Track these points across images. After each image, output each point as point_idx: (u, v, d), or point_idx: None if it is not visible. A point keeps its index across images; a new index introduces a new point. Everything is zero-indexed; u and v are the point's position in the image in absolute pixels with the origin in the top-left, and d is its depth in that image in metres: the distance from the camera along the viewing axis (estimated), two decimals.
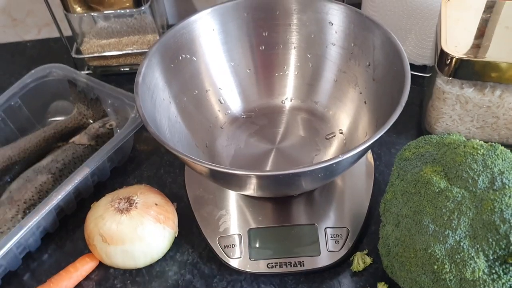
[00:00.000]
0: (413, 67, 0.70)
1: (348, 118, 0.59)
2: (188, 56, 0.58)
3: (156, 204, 0.53)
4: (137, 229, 0.51)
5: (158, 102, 0.53)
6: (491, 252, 0.38)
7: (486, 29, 0.55)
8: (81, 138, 0.63)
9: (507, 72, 0.52)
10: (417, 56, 0.69)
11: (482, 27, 0.56)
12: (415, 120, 0.66)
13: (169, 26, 0.81)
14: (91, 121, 0.66)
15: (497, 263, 0.38)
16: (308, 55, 0.60)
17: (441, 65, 0.54)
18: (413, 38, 0.67)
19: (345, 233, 0.53)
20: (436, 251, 0.40)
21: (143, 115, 0.47)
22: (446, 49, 0.53)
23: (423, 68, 0.69)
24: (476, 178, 0.40)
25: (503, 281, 0.38)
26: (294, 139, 0.60)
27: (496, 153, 0.41)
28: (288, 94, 0.63)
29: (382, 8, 0.67)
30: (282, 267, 0.51)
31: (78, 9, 0.68)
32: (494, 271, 0.38)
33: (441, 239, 0.40)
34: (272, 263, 0.52)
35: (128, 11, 0.68)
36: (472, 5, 0.58)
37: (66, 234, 0.58)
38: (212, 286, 0.52)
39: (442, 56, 0.54)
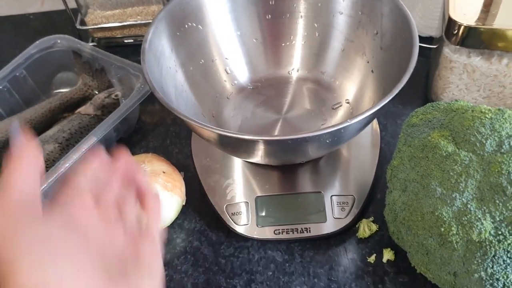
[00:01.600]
0: (419, 38, 0.69)
1: (355, 88, 0.59)
2: (195, 25, 0.57)
3: (164, 172, 0.53)
4: None
5: (164, 70, 0.53)
6: (498, 214, 0.39)
7: None
8: (87, 108, 0.63)
9: None
10: (424, 27, 0.69)
11: None
12: (421, 92, 0.66)
13: None
14: (96, 92, 0.66)
15: (503, 225, 0.39)
16: (315, 24, 0.60)
17: (448, 34, 0.54)
18: (420, 9, 0.67)
19: (351, 200, 0.53)
20: (443, 213, 0.40)
21: (151, 81, 0.47)
22: (454, 17, 0.53)
23: (429, 39, 0.69)
24: (484, 142, 0.41)
25: (508, 241, 0.38)
26: (301, 109, 0.60)
27: (504, 117, 0.41)
28: (295, 64, 0.63)
29: None
30: (288, 233, 0.52)
31: None
32: (500, 233, 0.38)
33: (448, 201, 0.40)
34: (278, 229, 0.52)
35: None
36: None
37: None
38: (219, 252, 0.53)
39: (450, 24, 0.53)
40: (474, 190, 0.40)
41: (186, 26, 0.57)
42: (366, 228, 0.52)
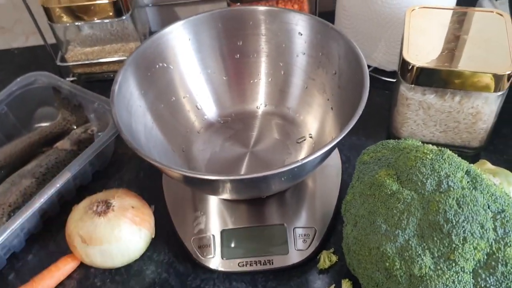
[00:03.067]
0: (383, 73, 0.74)
1: (317, 123, 0.62)
2: (165, 65, 0.60)
3: (133, 207, 0.56)
4: (114, 231, 0.53)
5: (134, 109, 0.56)
6: (436, 250, 0.41)
7: (447, 38, 0.58)
8: (64, 144, 0.65)
9: (465, 80, 0.54)
10: (387, 62, 0.72)
11: (443, 36, 0.59)
12: (384, 125, 0.69)
13: (152, 33, 0.84)
14: (74, 127, 0.69)
15: (441, 260, 0.41)
16: (280, 63, 0.63)
17: (403, 73, 0.57)
18: (383, 45, 0.70)
19: (313, 232, 0.56)
20: (388, 249, 0.43)
21: (118, 123, 0.50)
22: (408, 58, 0.56)
23: (393, 74, 0.72)
24: (425, 181, 0.43)
25: (447, 276, 0.40)
26: (267, 143, 0.63)
27: (443, 158, 0.44)
28: (262, 100, 0.66)
29: (354, 17, 0.70)
30: (252, 265, 0.54)
31: (62, 19, 0.71)
32: (439, 267, 0.41)
33: (392, 238, 0.43)
34: (243, 262, 0.54)
35: (110, 20, 0.71)
36: (435, 15, 0.61)
37: (49, 235, 0.61)
38: (186, 284, 0.55)
39: (404, 64, 0.56)
40: (415, 227, 0.43)
41: (157, 66, 0.60)
42: (327, 259, 0.55)
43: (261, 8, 0.61)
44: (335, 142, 0.45)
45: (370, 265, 0.45)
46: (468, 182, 0.43)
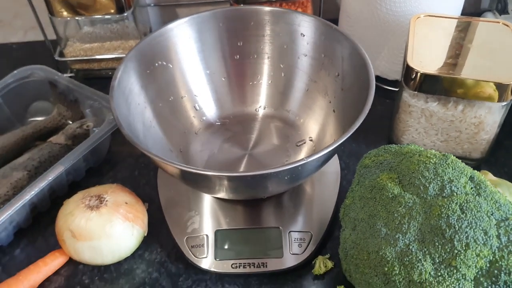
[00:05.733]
0: (386, 81, 0.73)
1: (318, 126, 0.61)
2: (165, 63, 0.59)
3: (126, 203, 0.54)
4: (106, 226, 0.52)
5: (133, 106, 0.55)
6: (437, 256, 0.40)
7: (451, 46, 0.58)
8: (58, 138, 0.64)
9: (469, 89, 0.54)
10: (390, 71, 0.71)
11: (447, 45, 0.58)
12: (386, 133, 0.68)
13: None
14: (70, 122, 0.67)
15: (442, 266, 0.40)
16: (281, 65, 0.63)
17: (407, 80, 0.56)
18: (385, 54, 0.70)
19: (309, 237, 0.54)
20: (387, 253, 0.42)
21: (117, 117, 0.49)
22: (412, 64, 0.55)
23: (395, 82, 0.72)
24: (427, 185, 0.42)
25: (447, 283, 0.39)
26: (266, 146, 0.62)
27: (447, 162, 0.43)
28: (261, 102, 0.65)
29: (357, 24, 0.70)
30: (245, 267, 0.53)
31: (63, 13, 0.70)
32: (439, 274, 0.40)
33: (392, 242, 0.42)
34: (236, 263, 0.53)
35: (111, 17, 0.70)
36: (440, 23, 0.60)
37: (38, 230, 0.59)
38: (177, 284, 0.54)
39: (407, 70, 0.56)
40: (416, 232, 0.41)
41: (156, 64, 0.59)
42: (322, 265, 0.53)
43: (265, 8, 0.60)
44: (340, 142, 0.44)
45: (368, 270, 0.44)
46: (471, 188, 0.42)
